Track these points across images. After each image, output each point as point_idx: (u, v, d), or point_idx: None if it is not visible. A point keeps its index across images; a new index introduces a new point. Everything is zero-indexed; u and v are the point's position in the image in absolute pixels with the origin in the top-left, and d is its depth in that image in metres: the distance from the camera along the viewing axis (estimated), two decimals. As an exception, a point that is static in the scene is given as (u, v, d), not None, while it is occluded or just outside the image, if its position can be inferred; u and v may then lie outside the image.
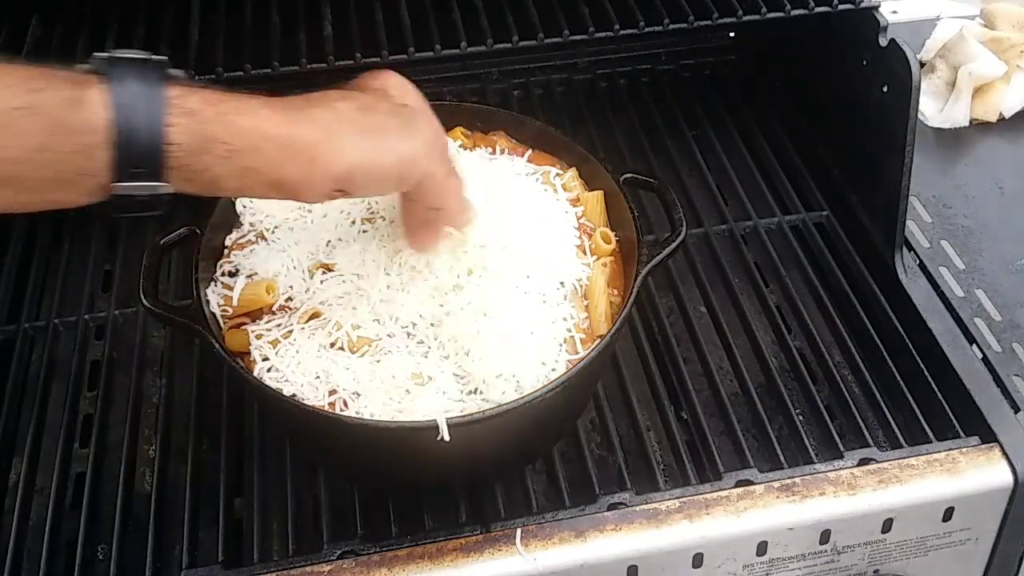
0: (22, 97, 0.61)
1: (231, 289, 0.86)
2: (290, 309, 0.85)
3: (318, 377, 0.79)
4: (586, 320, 0.85)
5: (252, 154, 0.67)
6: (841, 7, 1.02)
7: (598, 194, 0.94)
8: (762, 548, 0.86)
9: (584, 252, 0.90)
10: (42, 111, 0.62)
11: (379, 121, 0.73)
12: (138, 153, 0.64)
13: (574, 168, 0.97)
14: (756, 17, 1.02)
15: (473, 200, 0.85)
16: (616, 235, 0.92)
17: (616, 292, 0.88)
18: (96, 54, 0.66)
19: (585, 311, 0.86)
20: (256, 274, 0.87)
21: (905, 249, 1.07)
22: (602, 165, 0.95)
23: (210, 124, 0.66)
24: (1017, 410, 0.92)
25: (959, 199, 1.17)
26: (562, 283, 0.86)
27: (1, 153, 0.62)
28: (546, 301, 0.84)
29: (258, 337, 0.83)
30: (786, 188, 1.22)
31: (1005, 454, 0.89)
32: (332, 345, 0.82)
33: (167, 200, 0.67)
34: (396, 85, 0.80)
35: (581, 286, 0.87)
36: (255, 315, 0.85)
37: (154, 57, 0.67)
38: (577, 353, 0.82)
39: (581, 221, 0.92)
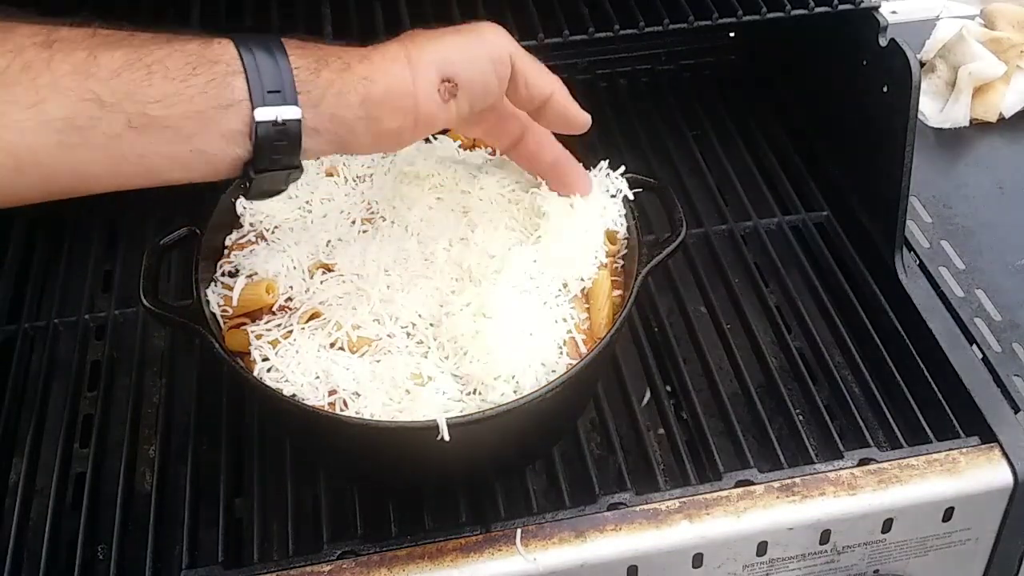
0: (160, 45, 0.67)
1: (231, 289, 0.86)
2: (290, 309, 0.85)
3: (318, 377, 0.79)
4: (587, 321, 0.85)
5: (361, 63, 0.72)
6: (841, 7, 1.02)
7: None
8: (762, 548, 0.86)
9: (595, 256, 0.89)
10: (181, 49, 0.67)
11: (448, 30, 0.77)
12: (269, 74, 0.68)
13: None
14: (756, 17, 1.02)
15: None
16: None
17: (616, 292, 0.88)
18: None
19: (586, 312, 0.85)
20: (256, 274, 0.87)
21: (905, 249, 1.07)
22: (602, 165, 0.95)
23: (321, 49, 0.72)
24: (1017, 410, 0.93)
25: (959, 199, 1.17)
26: (565, 284, 0.86)
27: (154, 88, 0.65)
28: (547, 302, 0.84)
29: (258, 337, 0.82)
30: (786, 188, 1.22)
31: (1005, 454, 0.89)
32: (332, 345, 0.82)
33: (302, 145, 0.71)
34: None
35: (584, 287, 0.87)
36: (255, 315, 0.85)
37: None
38: (578, 354, 0.82)
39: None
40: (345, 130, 0.72)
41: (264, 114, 0.68)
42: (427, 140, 0.98)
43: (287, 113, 0.69)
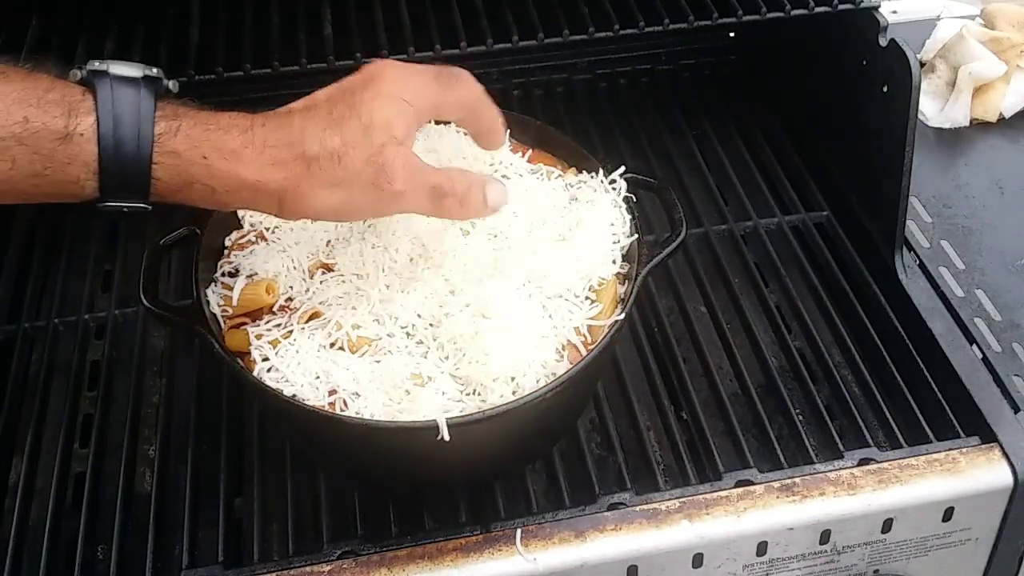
0: (11, 126, 0.65)
1: (231, 289, 0.86)
2: (290, 309, 0.85)
3: (318, 377, 0.79)
4: (588, 321, 0.85)
5: (227, 194, 0.72)
6: (841, 7, 1.02)
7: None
8: (762, 548, 0.86)
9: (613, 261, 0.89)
10: (32, 142, 0.66)
11: (351, 172, 0.73)
12: (124, 185, 0.69)
13: (574, 168, 0.97)
14: (756, 17, 1.02)
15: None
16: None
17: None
18: (91, 65, 0.69)
19: (589, 312, 0.85)
20: (256, 274, 0.87)
21: (905, 249, 1.07)
22: (602, 165, 0.95)
23: (192, 167, 0.70)
24: (1017, 410, 0.93)
25: (959, 199, 1.17)
26: (569, 289, 0.85)
27: None
28: (546, 304, 0.84)
29: (258, 337, 0.82)
30: (786, 188, 1.22)
31: (1005, 454, 0.89)
32: (332, 345, 0.82)
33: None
34: (391, 78, 0.77)
35: (592, 288, 0.86)
36: (255, 315, 0.85)
37: (149, 72, 0.71)
38: (577, 355, 0.82)
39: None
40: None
41: (110, 207, 0.70)
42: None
43: (133, 206, 0.71)
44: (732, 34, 1.43)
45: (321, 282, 0.86)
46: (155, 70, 0.71)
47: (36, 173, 0.66)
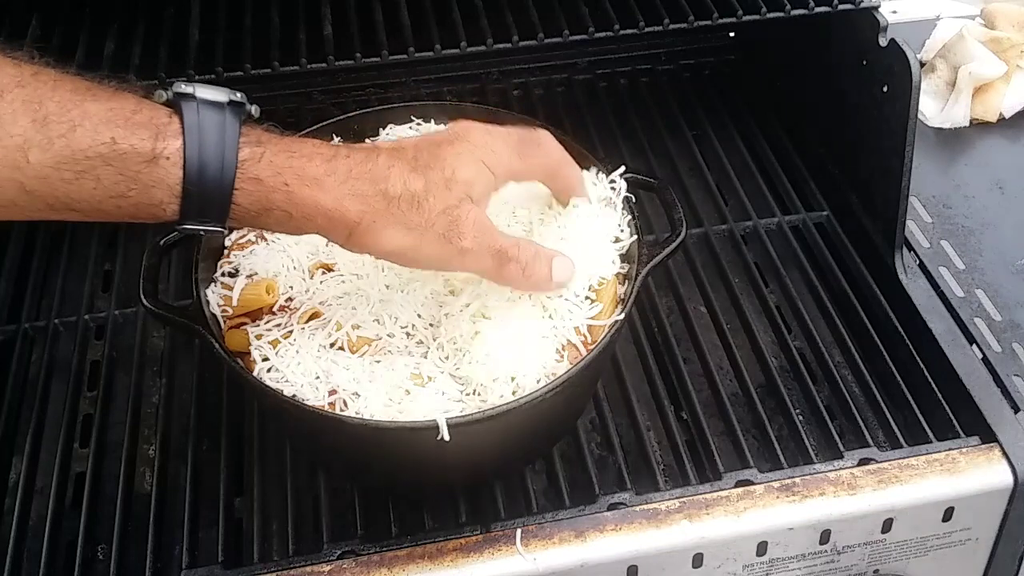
0: (98, 147, 0.64)
1: (231, 289, 0.86)
2: (290, 309, 0.85)
3: (318, 377, 0.79)
4: (588, 321, 0.85)
5: (304, 221, 0.72)
6: (841, 7, 1.02)
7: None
8: (762, 548, 0.86)
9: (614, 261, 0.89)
10: (119, 163, 0.65)
11: (426, 219, 0.73)
12: (206, 209, 0.69)
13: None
14: (756, 17, 1.02)
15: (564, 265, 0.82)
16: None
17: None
18: (177, 87, 0.69)
19: (589, 312, 0.85)
20: (256, 274, 0.87)
21: (905, 249, 1.07)
22: (602, 165, 0.95)
23: (273, 193, 0.70)
24: (1017, 410, 0.93)
25: (959, 199, 1.17)
26: (569, 288, 0.85)
27: (76, 195, 0.65)
28: (546, 305, 0.84)
29: (258, 337, 0.82)
30: (786, 188, 1.22)
31: (1005, 454, 0.89)
32: (332, 345, 0.82)
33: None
34: (476, 141, 0.78)
35: (592, 288, 0.86)
36: (255, 315, 0.85)
37: (233, 97, 0.70)
38: (577, 355, 0.82)
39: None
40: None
41: (187, 230, 0.70)
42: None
43: (210, 230, 0.71)
44: (732, 34, 1.43)
45: (321, 282, 0.86)
46: (239, 95, 0.71)
47: (120, 194, 0.66)
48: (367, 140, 1.00)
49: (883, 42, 1.02)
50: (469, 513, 0.88)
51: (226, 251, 0.91)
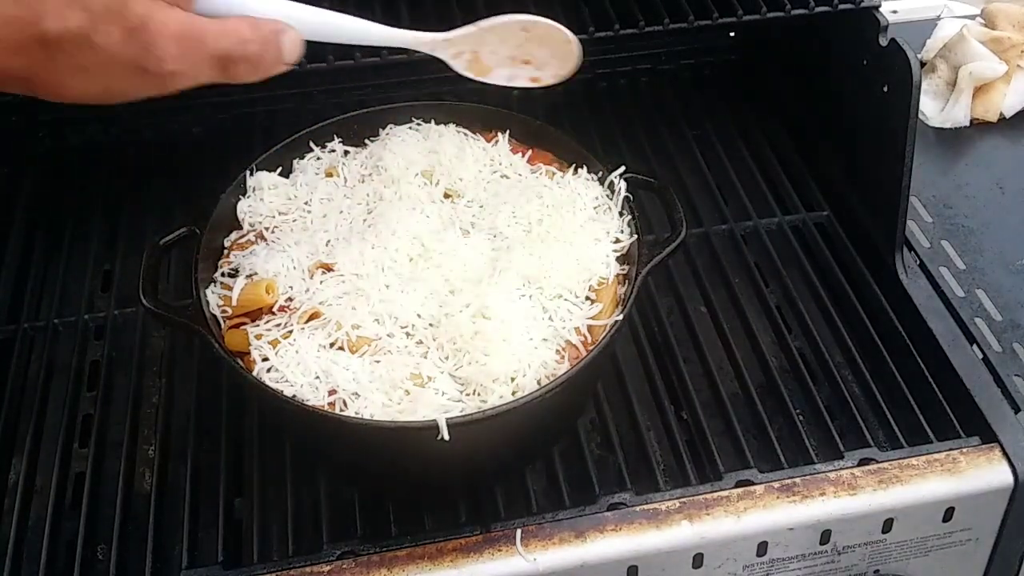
0: None
1: (231, 289, 0.86)
2: (290, 309, 0.85)
3: (318, 377, 0.79)
4: (588, 321, 0.85)
5: None
6: (841, 7, 1.02)
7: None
8: (762, 548, 0.86)
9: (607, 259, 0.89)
10: None
11: (106, 56, 0.61)
12: None
13: (574, 168, 0.97)
14: (756, 17, 1.02)
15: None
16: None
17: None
18: None
19: (589, 312, 0.85)
20: (256, 274, 0.87)
21: (905, 249, 1.07)
22: (602, 165, 0.95)
23: None
24: (1017, 410, 0.93)
25: (959, 199, 1.17)
26: (569, 289, 0.85)
27: None
28: (546, 306, 0.84)
29: (258, 337, 0.82)
30: (786, 188, 1.22)
31: (1005, 454, 0.89)
32: (332, 345, 0.82)
33: None
34: None
35: (591, 288, 0.86)
36: (255, 315, 0.85)
37: None
38: (577, 355, 0.82)
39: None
40: None
41: None
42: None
43: None
44: (732, 34, 1.43)
45: (321, 282, 0.86)
46: None
47: None
48: (367, 141, 1.00)
49: (883, 42, 1.02)
50: (469, 513, 0.88)
51: (226, 251, 0.91)
